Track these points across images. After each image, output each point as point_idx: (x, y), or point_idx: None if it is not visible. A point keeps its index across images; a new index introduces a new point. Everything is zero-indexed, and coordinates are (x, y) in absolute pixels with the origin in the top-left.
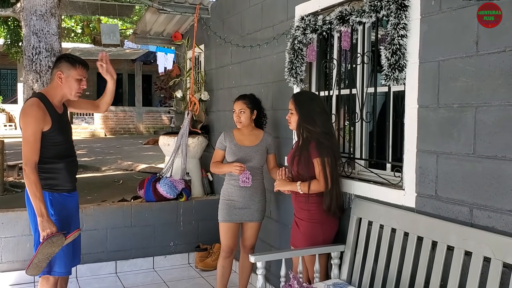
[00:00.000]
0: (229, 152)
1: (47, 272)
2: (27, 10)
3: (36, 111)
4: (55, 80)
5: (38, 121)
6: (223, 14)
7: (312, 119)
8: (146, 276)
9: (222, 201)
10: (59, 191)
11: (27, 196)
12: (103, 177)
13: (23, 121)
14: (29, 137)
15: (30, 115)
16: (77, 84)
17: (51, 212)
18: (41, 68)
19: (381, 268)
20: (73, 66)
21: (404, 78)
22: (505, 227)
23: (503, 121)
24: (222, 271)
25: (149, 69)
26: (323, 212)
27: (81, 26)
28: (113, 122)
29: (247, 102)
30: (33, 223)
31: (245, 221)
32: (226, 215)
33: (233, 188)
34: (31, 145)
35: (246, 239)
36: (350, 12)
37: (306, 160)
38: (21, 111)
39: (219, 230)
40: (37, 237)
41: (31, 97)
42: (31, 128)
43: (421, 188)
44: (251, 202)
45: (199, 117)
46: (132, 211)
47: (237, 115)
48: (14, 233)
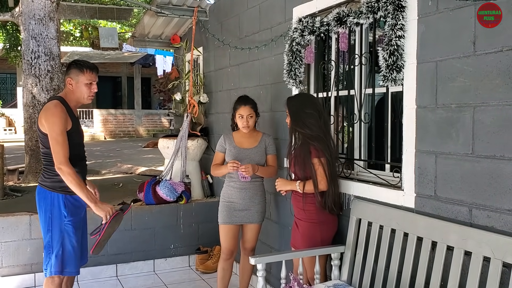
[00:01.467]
0: (229, 154)
1: (60, 272)
2: (26, 15)
3: (61, 111)
4: (67, 86)
5: (63, 120)
6: (221, 17)
7: (302, 122)
8: (147, 279)
9: (222, 203)
10: (73, 193)
11: (39, 199)
12: (103, 181)
13: (49, 121)
14: (58, 136)
15: (55, 115)
16: (87, 88)
17: (64, 213)
18: (40, 72)
19: (381, 269)
20: (81, 72)
21: (402, 79)
22: (504, 226)
23: (501, 121)
24: (223, 274)
25: (148, 72)
26: (321, 212)
27: (79, 30)
28: (112, 125)
29: (254, 107)
30: (45, 225)
31: (245, 223)
32: (226, 217)
33: (233, 190)
34: (62, 143)
35: (246, 241)
36: (347, 13)
37: (302, 161)
38: (44, 113)
39: (219, 232)
40: (48, 238)
41: (51, 99)
42: (59, 126)
43: (420, 189)
44: (251, 203)
45: (198, 120)
46: (132, 214)
47: (245, 120)
48: (15, 237)
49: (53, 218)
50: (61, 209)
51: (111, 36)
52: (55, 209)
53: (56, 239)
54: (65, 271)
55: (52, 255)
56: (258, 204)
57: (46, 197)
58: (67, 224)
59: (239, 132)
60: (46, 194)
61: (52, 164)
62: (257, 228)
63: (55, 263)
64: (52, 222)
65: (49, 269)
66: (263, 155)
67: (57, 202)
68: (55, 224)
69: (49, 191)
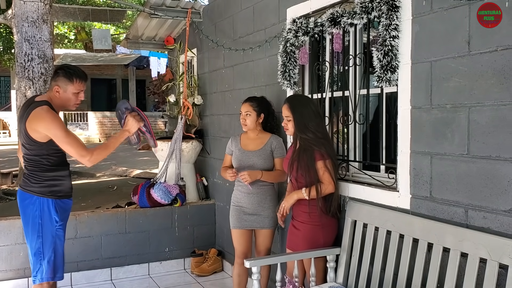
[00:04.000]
0: (234, 157)
1: (52, 278)
2: (19, 17)
3: (55, 115)
4: (53, 93)
5: (60, 120)
6: (215, 18)
7: (308, 124)
8: (142, 282)
9: (231, 207)
10: (62, 197)
11: (25, 205)
12: (97, 183)
13: (51, 124)
14: (66, 137)
15: (54, 117)
16: (75, 97)
17: (55, 218)
18: (33, 74)
19: (377, 271)
20: (70, 81)
21: (396, 79)
22: (501, 227)
23: (496, 121)
24: (238, 280)
25: (142, 74)
26: (323, 215)
27: (74, 33)
28: (107, 127)
29: (254, 104)
30: (34, 231)
31: (256, 228)
32: (236, 221)
33: (241, 194)
34: (72, 140)
35: (258, 246)
36: (341, 14)
37: (306, 165)
38: (39, 121)
39: (232, 236)
40: (38, 245)
41: (39, 104)
42: (62, 126)
43: (415, 190)
44: (260, 208)
45: (192, 122)
46: (126, 217)
47: (242, 118)
48: (8, 241)
49: (44, 223)
50: (52, 214)
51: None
52: (45, 215)
53: (47, 244)
54: (56, 277)
55: (44, 261)
56: (268, 209)
57: (34, 202)
58: (58, 228)
59: (247, 133)
60: (34, 199)
61: (39, 169)
62: (269, 234)
63: (47, 269)
64: (43, 228)
65: (39, 275)
66: (268, 158)
67: (47, 207)
68: (46, 229)
69: (37, 196)
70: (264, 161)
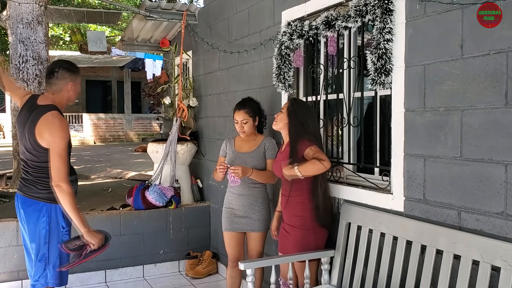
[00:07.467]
0: (227, 158)
1: (59, 284)
2: (13, 18)
3: (66, 124)
4: (64, 91)
5: (68, 134)
6: (210, 20)
7: (304, 126)
8: (136, 285)
9: (223, 209)
10: None
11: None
12: (92, 185)
13: (55, 135)
14: (62, 152)
15: (62, 129)
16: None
17: (62, 224)
18: (28, 76)
19: (371, 273)
20: (77, 73)
21: (390, 82)
22: (493, 230)
23: (489, 124)
24: (231, 282)
25: (138, 76)
26: (316, 219)
27: (69, 35)
28: (102, 129)
29: (249, 110)
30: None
31: (247, 231)
32: (227, 223)
33: (233, 196)
34: (64, 159)
35: (250, 251)
36: (336, 17)
37: (297, 158)
38: (48, 127)
39: (224, 239)
40: (44, 250)
41: (48, 109)
42: (64, 142)
43: (409, 192)
44: (251, 211)
45: (188, 124)
46: (121, 220)
47: (240, 126)
48: (1, 243)
49: (51, 230)
50: (59, 220)
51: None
52: (53, 221)
53: (53, 250)
54: (62, 282)
55: (49, 266)
56: (259, 212)
57: (41, 209)
58: (64, 234)
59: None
60: (40, 206)
61: (48, 176)
62: (259, 237)
63: (53, 275)
64: (50, 234)
65: (43, 280)
66: (261, 159)
67: (54, 214)
68: (53, 236)
69: (44, 202)
70: (257, 163)
